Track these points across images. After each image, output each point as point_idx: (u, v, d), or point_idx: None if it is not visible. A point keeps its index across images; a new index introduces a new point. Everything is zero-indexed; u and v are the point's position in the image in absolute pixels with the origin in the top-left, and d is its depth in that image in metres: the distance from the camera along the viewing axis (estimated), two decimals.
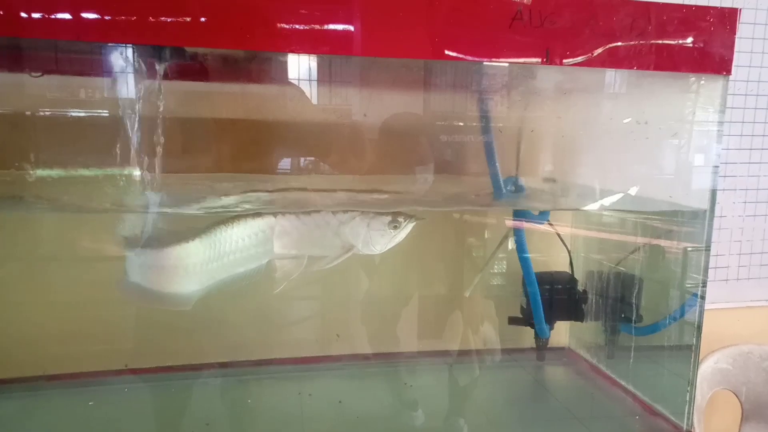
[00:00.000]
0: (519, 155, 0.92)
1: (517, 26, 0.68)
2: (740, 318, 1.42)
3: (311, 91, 0.89)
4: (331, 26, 0.63)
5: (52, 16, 0.59)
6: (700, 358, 1.29)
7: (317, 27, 0.64)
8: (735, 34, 0.75)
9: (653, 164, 0.89)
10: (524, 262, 0.92)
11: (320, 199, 0.85)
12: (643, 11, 0.73)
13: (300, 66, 0.85)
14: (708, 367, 1.29)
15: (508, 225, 0.98)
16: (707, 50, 0.75)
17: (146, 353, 0.98)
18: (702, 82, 0.80)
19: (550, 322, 1.02)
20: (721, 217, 1.37)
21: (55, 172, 0.82)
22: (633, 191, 0.87)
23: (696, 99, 0.81)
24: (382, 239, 0.76)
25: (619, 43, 0.72)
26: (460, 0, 0.67)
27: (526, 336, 1.06)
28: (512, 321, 1.05)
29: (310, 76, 0.89)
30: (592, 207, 0.90)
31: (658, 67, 0.74)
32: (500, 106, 0.85)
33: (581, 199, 0.97)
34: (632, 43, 0.72)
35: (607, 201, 0.90)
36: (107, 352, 0.95)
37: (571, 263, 1.03)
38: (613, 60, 0.72)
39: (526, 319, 1.03)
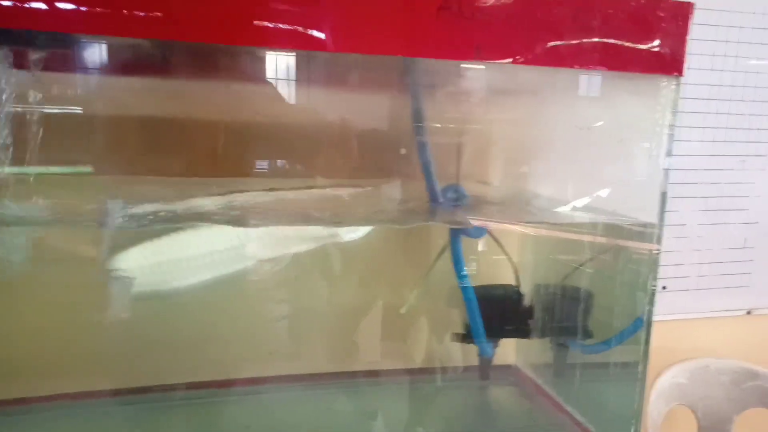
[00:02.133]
0: (459, 161, 0.85)
1: (444, 16, 0.60)
2: (699, 329, 1.39)
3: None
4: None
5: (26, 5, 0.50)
6: (658, 371, 1.25)
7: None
8: (687, 30, 0.68)
9: (601, 172, 0.83)
10: (460, 271, 0.84)
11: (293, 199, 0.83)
12: (586, 3, 0.65)
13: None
14: (665, 382, 1.25)
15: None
16: (657, 48, 0.68)
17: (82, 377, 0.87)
18: (653, 83, 0.73)
19: (493, 339, 0.95)
20: (681, 225, 1.34)
21: None
22: (579, 201, 0.80)
23: (646, 102, 0.74)
24: None
25: (560, 40, 0.65)
26: None
27: (472, 353, 0.99)
28: (455, 338, 0.97)
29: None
30: (535, 222, 0.83)
31: (603, 65, 0.67)
32: (433, 107, 0.77)
33: (526, 207, 0.90)
34: (574, 39, 0.65)
35: (555, 211, 0.84)
36: (46, 376, 0.84)
37: (516, 276, 0.96)
38: (552, 58, 0.64)
39: (469, 335, 0.95)
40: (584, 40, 0.66)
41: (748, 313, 1.42)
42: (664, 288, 1.35)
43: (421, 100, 0.73)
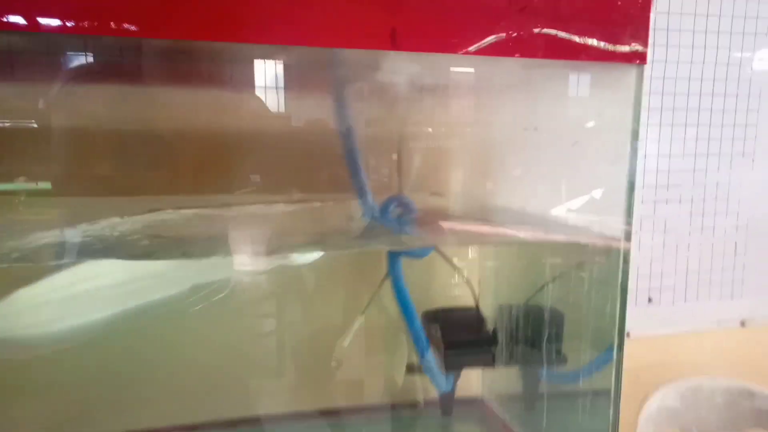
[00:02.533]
0: (400, 167, 0.74)
1: None
2: (689, 344, 1.28)
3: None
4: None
5: None
6: (646, 393, 1.15)
7: None
8: (650, 10, 0.58)
9: (561, 176, 0.72)
10: (401, 298, 0.72)
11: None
12: None
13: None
14: (653, 405, 1.14)
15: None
16: (614, 32, 0.58)
17: None
18: (613, 74, 0.63)
19: (453, 369, 0.84)
20: (665, 232, 1.24)
21: None
22: (539, 209, 0.70)
23: (607, 97, 0.64)
24: None
25: (496, 23, 0.54)
26: None
27: (432, 386, 0.88)
28: (411, 370, 0.86)
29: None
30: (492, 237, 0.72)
31: (550, 54, 0.56)
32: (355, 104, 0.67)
33: (483, 220, 0.79)
34: (513, 22, 0.55)
35: (515, 224, 0.73)
36: None
37: (475, 297, 0.85)
38: (486, 46, 0.54)
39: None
40: (526, 24, 0.55)
41: (742, 324, 1.32)
42: (650, 300, 1.25)
43: (344, 98, 0.62)
